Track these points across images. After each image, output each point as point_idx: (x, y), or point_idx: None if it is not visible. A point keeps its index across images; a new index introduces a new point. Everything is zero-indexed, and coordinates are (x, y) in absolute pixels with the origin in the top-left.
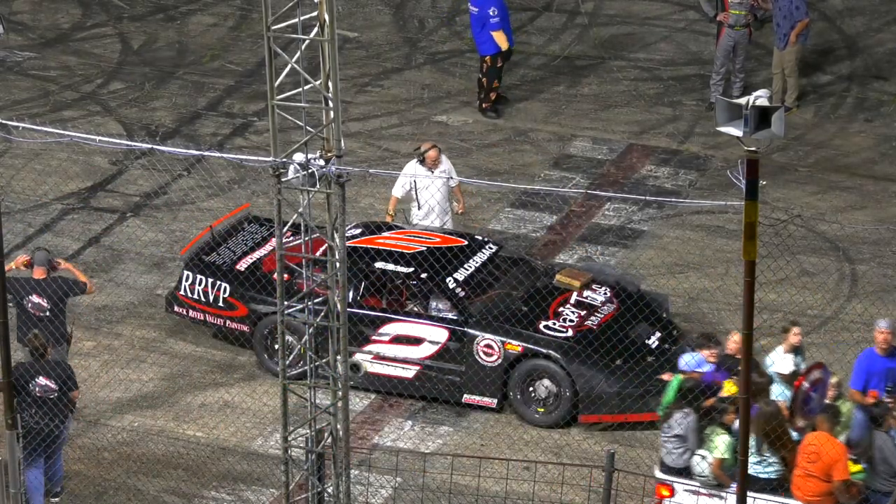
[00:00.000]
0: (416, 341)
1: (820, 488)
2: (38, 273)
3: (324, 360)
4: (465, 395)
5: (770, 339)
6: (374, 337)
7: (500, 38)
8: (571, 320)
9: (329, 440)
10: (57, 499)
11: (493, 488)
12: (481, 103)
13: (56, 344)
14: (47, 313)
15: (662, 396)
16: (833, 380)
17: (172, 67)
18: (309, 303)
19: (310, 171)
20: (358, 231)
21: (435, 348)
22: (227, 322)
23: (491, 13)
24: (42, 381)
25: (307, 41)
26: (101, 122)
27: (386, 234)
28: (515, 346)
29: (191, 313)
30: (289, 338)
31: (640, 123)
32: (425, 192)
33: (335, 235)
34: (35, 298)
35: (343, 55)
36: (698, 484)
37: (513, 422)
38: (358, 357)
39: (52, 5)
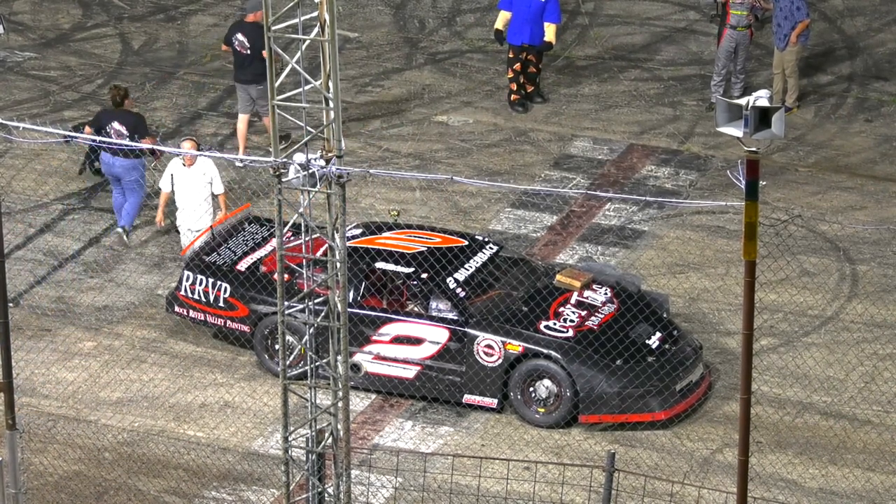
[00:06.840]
0: (417, 341)
1: None
2: (250, 18)
3: (324, 361)
4: (465, 396)
5: (770, 339)
6: (374, 337)
7: (502, 19)
8: (572, 320)
9: (329, 440)
10: (120, 229)
11: (494, 488)
12: (509, 95)
13: (256, 84)
14: (249, 51)
15: None
16: None
17: (173, 67)
18: (309, 303)
19: (310, 171)
20: (358, 231)
21: (435, 348)
22: (228, 322)
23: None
24: (116, 125)
25: (307, 41)
26: None
27: (386, 234)
28: (516, 347)
29: (191, 314)
30: (289, 338)
31: (640, 124)
32: (180, 188)
33: (335, 235)
34: (240, 37)
35: (343, 55)
36: None
37: (513, 422)
38: (358, 357)
39: (53, 5)
